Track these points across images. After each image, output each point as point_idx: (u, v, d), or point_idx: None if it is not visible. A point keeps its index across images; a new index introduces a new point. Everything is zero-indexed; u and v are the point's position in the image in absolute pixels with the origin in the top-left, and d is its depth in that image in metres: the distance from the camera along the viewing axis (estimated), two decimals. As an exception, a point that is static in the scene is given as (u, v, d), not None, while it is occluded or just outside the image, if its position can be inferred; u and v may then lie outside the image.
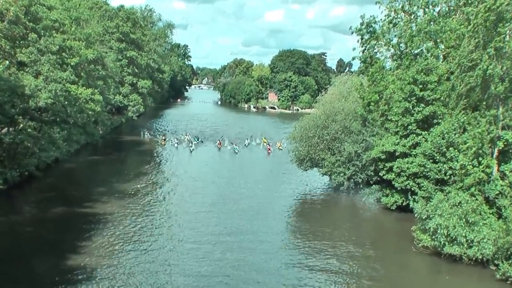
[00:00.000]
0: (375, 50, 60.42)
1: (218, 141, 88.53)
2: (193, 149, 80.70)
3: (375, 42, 59.76)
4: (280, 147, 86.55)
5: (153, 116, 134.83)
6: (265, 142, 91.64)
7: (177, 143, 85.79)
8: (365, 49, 61.21)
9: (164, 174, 63.00)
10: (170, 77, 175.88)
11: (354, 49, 64.23)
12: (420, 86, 45.34)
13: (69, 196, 47.98)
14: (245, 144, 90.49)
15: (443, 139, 41.46)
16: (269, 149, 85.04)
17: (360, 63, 63.28)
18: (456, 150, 40.53)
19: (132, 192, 51.30)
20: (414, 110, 45.50)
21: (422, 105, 45.35)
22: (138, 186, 54.11)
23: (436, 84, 45.31)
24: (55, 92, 47.13)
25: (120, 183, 54.48)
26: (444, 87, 45.43)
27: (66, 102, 49.68)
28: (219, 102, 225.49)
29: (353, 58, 65.19)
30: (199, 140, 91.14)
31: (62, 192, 49.38)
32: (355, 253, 37.86)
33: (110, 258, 34.19)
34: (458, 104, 43.19)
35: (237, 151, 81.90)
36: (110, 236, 38.26)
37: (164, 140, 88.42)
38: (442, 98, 45.33)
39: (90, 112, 56.05)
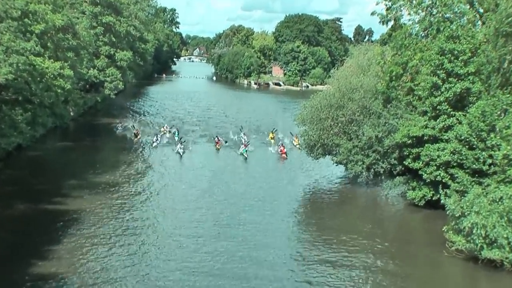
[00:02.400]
0: (401, 12, 59.61)
1: (216, 139, 76.07)
2: (182, 153, 68.23)
3: (403, 1, 58.57)
4: (298, 144, 72.93)
5: (134, 95, 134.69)
6: (273, 138, 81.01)
7: (157, 140, 74.25)
8: (389, 8, 59.94)
9: (147, 163, 62.95)
10: (155, 48, 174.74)
11: (373, 13, 61.20)
12: (450, 57, 45.12)
13: (34, 190, 47.70)
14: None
15: (483, 121, 41.21)
16: (283, 152, 70.99)
17: (380, 22, 61.50)
18: (498, 137, 40.28)
19: (110, 185, 51.22)
20: (444, 87, 45.40)
21: (453, 80, 45.20)
22: (117, 177, 54.06)
23: (470, 55, 45.08)
24: (17, 66, 46.84)
25: (95, 175, 54.43)
26: (480, 58, 45.15)
27: (30, 78, 49.60)
28: (214, 78, 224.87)
29: (373, 13, 62.31)
30: (177, 131, 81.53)
31: (26, 186, 49.00)
32: (375, 258, 37.70)
33: (85, 263, 33.99)
34: (496, 81, 43.02)
35: (246, 154, 69.66)
36: (84, 238, 38.06)
37: (137, 135, 77.17)
38: (478, 72, 45.11)
39: (58, 90, 56.08)
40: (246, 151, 69.59)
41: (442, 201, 40.52)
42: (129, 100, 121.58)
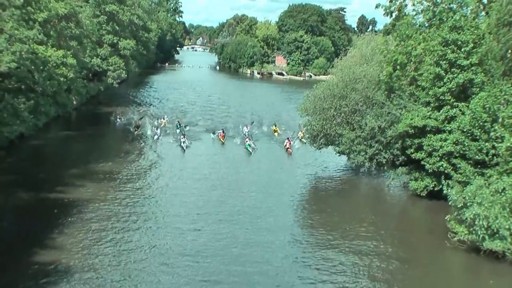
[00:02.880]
0: (405, 2, 59.55)
1: (221, 132, 72.82)
2: (186, 147, 65.49)
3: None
4: (303, 138, 70.48)
5: (137, 84, 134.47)
6: (276, 131, 78.20)
7: (156, 133, 71.35)
8: (393, -1, 59.98)
9: (148, 154, 62.94)
10: (158, 37, 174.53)
11: (377, 6, 62.20)
12: (453, 47, 44.98)
13: (36, 179, 47.71)
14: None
15: (485, 112, 41.11)
16: (289, 147, 67.88)
17: (384, 14, 61.99)
18: (502, 128, 40.14)
19: (112, 175, 51.22)
20: (447, 77, 45.29)
21: (456, 70, 45.08)
22: (119, 167, 54.03)
23: (473, 45, 44.95)
24: (20, 54, 46.82)
25: (97, 164, 54.39)
26: (483, 49, 45.01)
27: (33, 67, 49.59)
28: (218, 67, 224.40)
29: (377, 6, 63.33)
30: (181, 125, 77.08)
31: (28, 175, 48.94)
32: (378, 249, 37.68)
33: (87, 253, 34.03)
34: (499, 70, 42.88)
35: (253, 149, 66.73)
36: (86, 226, 38.16)
37: (138, 127, 74.91)
38: (481, 63, 44.98)
39: (61, 79, 56.05)
40: (250, 145, 66.67)
41: (444, 192, 40.64)
42: (132, 89, 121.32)
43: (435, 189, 46.06)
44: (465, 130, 42.59)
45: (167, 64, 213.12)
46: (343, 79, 56.26)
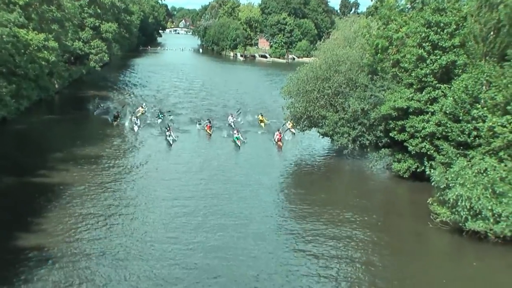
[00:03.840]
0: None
1: (207, 123, 67.64)
2: (173, 140, 59.67)
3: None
4: (293, 126, 64.71)
5: (119, 67, 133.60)
6: (262, 121, 72.96)
7: (136, 124, 66.26)
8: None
9: (135, 137, 62.70)
10: (140, 20, 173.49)
11: None
12: (436, 29, 45.01)
13: (19, 163, 47.37)
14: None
15: (467, 94, 41.23)
16: (279, 140, 62.37)
17: None
18: (483, 108, 40.28)
19: (95, 158, 50.99)
20: (430, 59, 45.40)
21: (438, 52, 45.17)
22: (102, 150, 53.76)
23: (455, 27, 45.00)
24: (1, 37, 46.25)
25: (81, 148, 54.02)
26: (465, 31, 45.07)
27: (14, 50, 48.99)
28: (201, 50, 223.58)
29: None
30: (164, 114, 72.71)
31: (10, 159, 48.64)
32: (361, 230, 37.81)
33: (70, 237, 33.89)
34: (480, 51, 42.99)
35: (242, 142, 61.58)
36: (69, 210, 38.08)
37: (117, 118, 69.40)
38: (464, 44, 45.07)
39: (43, 62, 55.57)
40: (238, 138, 61.60)
41: (427, 173, 40.68)
42: (115, 73, 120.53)
43: (418, 170, 46.33)
44: (447, 111, 42.66)
45: (149, 47, 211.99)
46: (326, 62, 56.11)
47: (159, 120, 70.22)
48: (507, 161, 37.33)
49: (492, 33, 41.96)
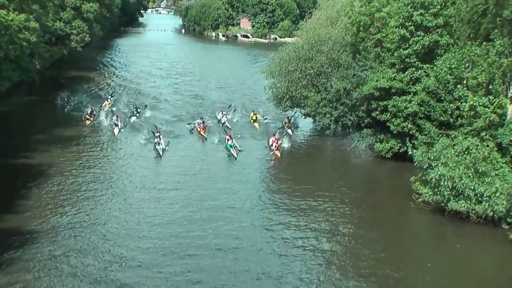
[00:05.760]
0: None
1: (200, 123, 57.21)
2: (162, 149, 48.46)
3: None
4: (289, 125, 58.79)
5: (101, 47, 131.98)
6: (255, 120, 61.58)
7: (118, 125, 55.32)
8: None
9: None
10: (122, 0, 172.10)
11: None
12: (421, 11, 44.70)
13: (0, 145, 46.82)
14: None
15: (450, 74, 41.08)
16: (276, 147, 50.41)
17: None
18: (465, 88, 40.18)
19: (77, 139, 50.71)
20: (413, 40, 45.18)
21: (421, 33, 44.94)
22: (86, 132, 53.20)
23: (439, 7, 44.74)
24: (-21, 18, 45.50)
25: (62, 129, 53.67)
26: (449, 12, 44.88)
27: (-6, 31, 48.18)
28: (183, 30, 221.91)
29: None
30: (138, 111, 62.01)
31: (-8, 140, 48.18)
32: (344, 210, 37.88)
33: (52, 217, 33.99)
34: (465, 32, 42.86)
35: (237, 151, 50.01)
36: (52, 191, 38.00)
37: (91, 115, 59.21)
38: (447, 25, 44.92)
39: (24, 43, 54.60)
40: (232, 145, 50.18)
41: (409, 153, 40.68)
42: (96, 53, 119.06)
43: (400, 150, 46.35)
44: (429, 91, 42.59)
45: (131, 27, 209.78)
46: (308, 41, 55.89)
47: (133, 118, 59.48)
48: (488, 141, 37.29)
49: (477, 14, 41.76)
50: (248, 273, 29.21)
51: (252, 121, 61.52)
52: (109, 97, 68.67)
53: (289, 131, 56.80)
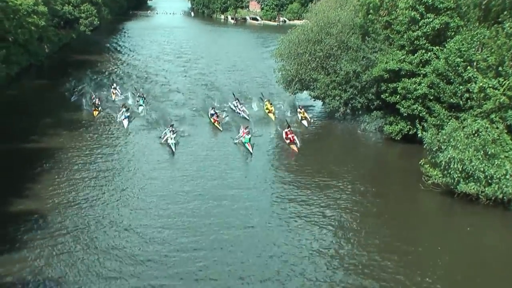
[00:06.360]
0: None
1: (213, 114, 53.52)
2: (175, 144, 45.37)
3: None
4: (305, 117, 55.00)
5: (110, 31, 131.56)
6: (271, 111, 56.80)
7: (126, 115, 52.34)
8: None
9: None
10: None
11: None
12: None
13: (9, 129, 47.21)
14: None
15: (460, 57, 40.86)
16: (292, 140, 47.60)
17: None
18: (475, 70, 39.95)
19: (87, 123, 50.95)
20: (423, 22, 44.91)
21: (431, 15, 44.64)
22: (94, 123, 52.80)
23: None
24: (-11, 3, 45.56)
25: (72, 112, 54.03)
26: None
27: (3, 15, 48.22)
28: (192, 13, 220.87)
29: None
30: (141, 99, 58.65)
31: (1, 124, 48.45)
32: (353, 192, 38.00)
33: (62, 200, 34.26)
34: (475, 15, 42.59)
35: (250, 146, 46.26)
36: (61, 175, 38.27)
37: (97, 107, 55.80)
38: (457, 7, 44.63)
39: (32, 27, 54.78)
40: (249, 140, 46.58)
41: (419, 136, 40.58)
42: (105, 37, 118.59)
43: (410, 133, 46.21)
44: (439, 73, 42.42)
45: (139, 11, 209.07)
46: (317, 24, 55.62)
47: (140, 108, 56.51)
48: (498, 123, 37.18)
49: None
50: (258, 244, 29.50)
51: (267, 111, 57.29)
52: (116, 86, 64.36)
53: (305, 122, 54.10)
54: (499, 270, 29.64)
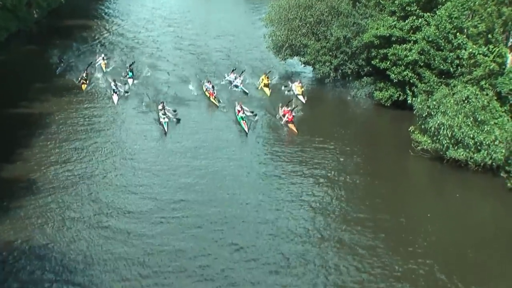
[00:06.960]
0: None
1: (209, 87, 50.14)
2: (166, 123, 42.66)
3: None
4: (302, 92, 52.00)
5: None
6: (267, 85, 53.26)
7: (116, 90, 49.11)
8: None
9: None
10: None
11: None
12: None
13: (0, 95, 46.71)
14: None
15: (450, 23, 40.77)
16: (291, 119, 44.57)
17: None
18: (465, 37, 39.89)
19: (76, 88, 50.78)
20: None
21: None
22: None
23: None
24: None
25: (62, 77, 53.84)
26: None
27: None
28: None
29: None
30: (130, 72, 54.31)
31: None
32: (343, 159, 38.32)
33: (51, 165, 34.60)
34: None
35: (246, 124, 43.76)
36: (51, 140, 38.54)
37: (86, 79, 52.10)
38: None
39: (20, -7, 54.07)
40: (244, 118, 44.24)
41: (409, 102, 40.76)
42: (95, 1, 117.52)
43: (400, 99, 46.44)
44: (430, 40, 42.34)
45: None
46: (308, -11, 55.20)
47: (130, 81, 53.02)
48: (488, 90, 37.26)
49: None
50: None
51: (262, 85, 53.65)
52: (103, 55, 60.35)
53: (301, 98, 51.13)
54: (488, 235, 30.13)
